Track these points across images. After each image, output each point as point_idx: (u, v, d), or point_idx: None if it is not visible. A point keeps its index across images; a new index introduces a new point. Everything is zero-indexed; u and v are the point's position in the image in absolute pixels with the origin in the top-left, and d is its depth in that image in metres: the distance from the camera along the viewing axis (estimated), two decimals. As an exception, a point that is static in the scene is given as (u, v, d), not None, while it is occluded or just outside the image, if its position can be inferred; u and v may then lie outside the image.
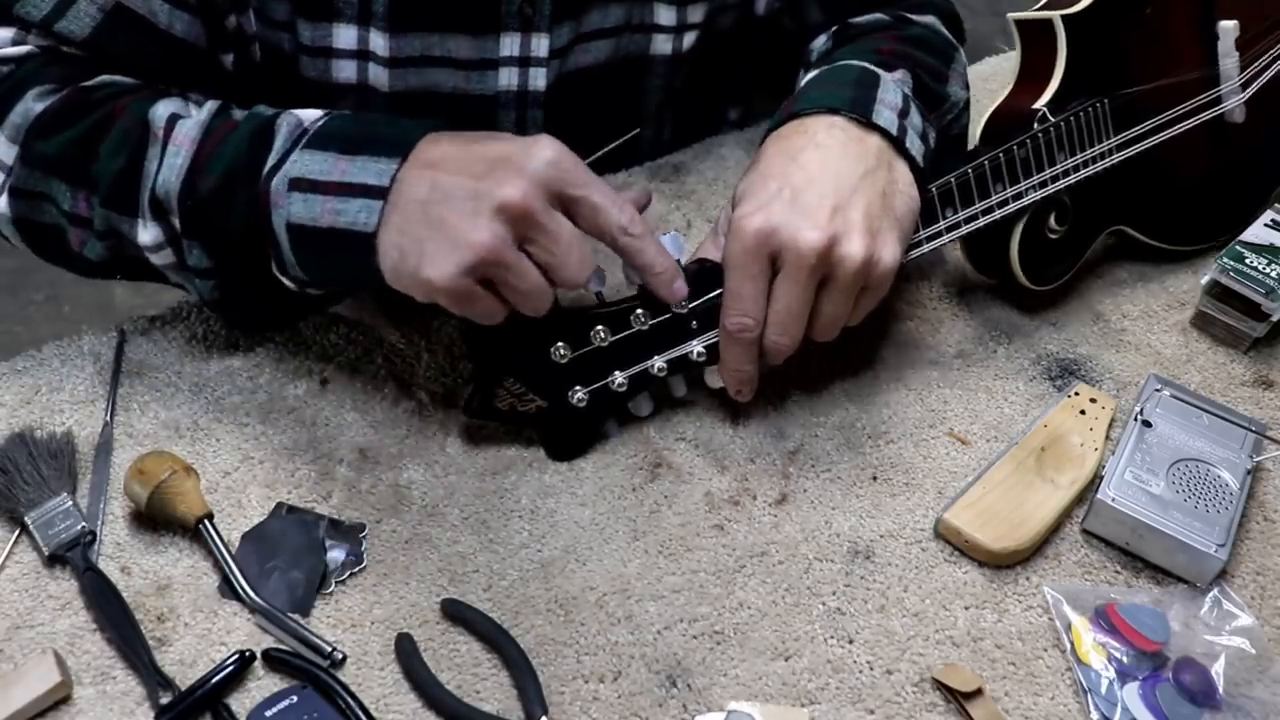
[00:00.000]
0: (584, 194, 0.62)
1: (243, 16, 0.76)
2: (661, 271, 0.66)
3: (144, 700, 0.59)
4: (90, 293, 2.04)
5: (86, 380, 0.74)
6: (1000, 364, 0.79)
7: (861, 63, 0.76)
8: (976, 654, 0.63)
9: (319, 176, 0.63)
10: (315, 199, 0.63)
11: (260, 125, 0.67)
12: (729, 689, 0.61)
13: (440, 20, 0.77)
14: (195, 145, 0.67)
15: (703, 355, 0.69)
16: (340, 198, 0.63)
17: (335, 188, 0.63)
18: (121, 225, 0.69)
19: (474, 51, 0.79)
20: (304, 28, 0.76)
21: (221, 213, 0.66)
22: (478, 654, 0.62)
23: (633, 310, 0.68)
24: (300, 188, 0.64)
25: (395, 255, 0.61)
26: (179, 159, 0.67)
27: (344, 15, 0.76)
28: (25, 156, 0.70)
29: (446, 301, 0.62)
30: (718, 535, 0.68)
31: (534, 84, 0.82)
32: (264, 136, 0.67)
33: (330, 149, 0.64)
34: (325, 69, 0.78)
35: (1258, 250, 0.80)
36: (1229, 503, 0.68)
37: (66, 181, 0.69)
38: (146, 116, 0.69)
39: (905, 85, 0.77)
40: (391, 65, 0.78)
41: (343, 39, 0.77)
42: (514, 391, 0.68)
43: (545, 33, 0.79)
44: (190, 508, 0.65)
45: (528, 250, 0.61)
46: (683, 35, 0.86)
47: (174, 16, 0.72)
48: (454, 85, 0.80)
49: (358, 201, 0.62)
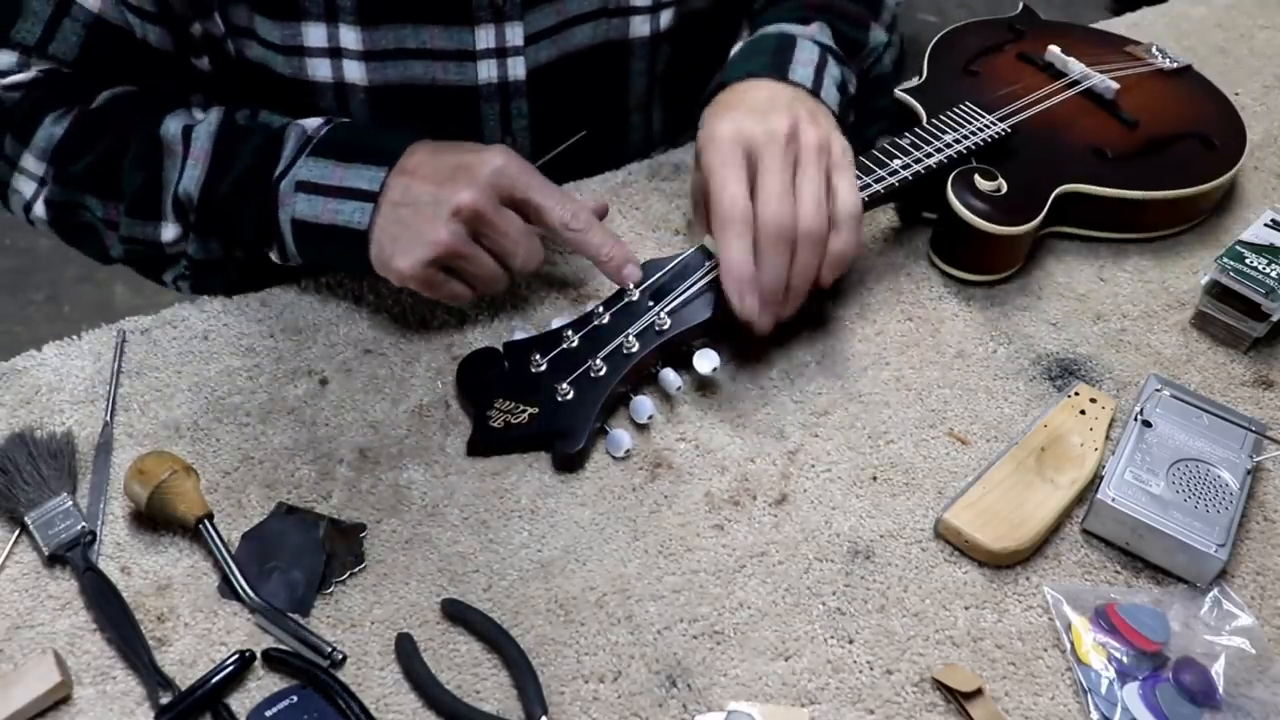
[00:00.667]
0: (528, 195, 0.73)
1: (207, 22, 0.79)
2: (608, 259, 0.74)
3: (144, 700, 0.59)
4: (90, 293, 2.04)
5: (86, 380, 0.74)
6: (1000, 364, 0.79)
7: (779, 27, 0.85)
8: (976, 654, 0.63)
9: (321, 180, 0.74)
10: (318, 199, 0.74)
11: (271, 135, 0.76)
12: (729, 689, 0.61)
13: (411, 11, 0.78)
14: (209, 156, 0.76)
15: (665, 321, 0.73)
16: (339, 199, 0.73)
17: (335, 190, 0.73)
18: (146, 229, 0.78)
19: (450, 43, 0.80)
20: (272, 28, 0.77)
21: (236, 211, 0.76)
22: (478, 654, 0.62)
23: (595, 309, 0.74)
24: (305, 189, 0.74)
25: (376, 248, 0.73)
26: (197, 170, 0.76)
27: (310, 14, 0.77)
28: (58, 176, 0.79)
29: (416, 286, 0.73)
30: (718, 535, 0.68)
31: (514, 74, 0.83)
32: (274, 145, 0.76)
33: (330, 156, 0.74)
34: (300, 67, 0.79)
35: (1258, 250, 0.80)
36: (1229, 503, 0.68)
37: (97, 196, 0.79)
38: (158, 134, 0.77)
39: (823, 35, 0.85)
40: (366, 59, 0.79)
41: (312, 37, 0.78)
42: (505, 409, 0.71)
43: (519, 21, 0.81)
44: (190, 508, 0.65)
45: (483, 243, 0.72)
46: (659, 14, 0.87)
47: (145, 27, 0.78)
48: (433, 78, 0.81)
49: (353, 203, 0.73)
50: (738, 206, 0.71)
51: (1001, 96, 0.92)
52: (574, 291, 0.81)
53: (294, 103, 0.81)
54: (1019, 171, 0.84)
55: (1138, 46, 1.03)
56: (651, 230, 0.87)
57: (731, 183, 0.71)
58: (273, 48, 0.78)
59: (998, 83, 0.94)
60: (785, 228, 0.70)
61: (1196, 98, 0.98)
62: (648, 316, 0.73)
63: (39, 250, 2.11)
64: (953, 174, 0.83)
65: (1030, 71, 0.97)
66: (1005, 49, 1.00)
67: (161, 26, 0.78)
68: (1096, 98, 0.94)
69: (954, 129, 0.86)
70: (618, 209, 0.88)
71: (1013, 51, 1.00)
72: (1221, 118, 0.95)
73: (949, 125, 0.87)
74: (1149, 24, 1.15)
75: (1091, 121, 0.92)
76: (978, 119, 0.88)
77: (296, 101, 0.81)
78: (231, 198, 0.75)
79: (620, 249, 0.75)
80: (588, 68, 0.87)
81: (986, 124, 0.87)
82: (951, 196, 0.81)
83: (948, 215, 0.82)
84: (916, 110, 0.90)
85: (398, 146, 0.74)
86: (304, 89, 0.80)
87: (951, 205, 0.81)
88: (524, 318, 0.79)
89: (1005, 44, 1.01)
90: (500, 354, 0.73)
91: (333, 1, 0.76)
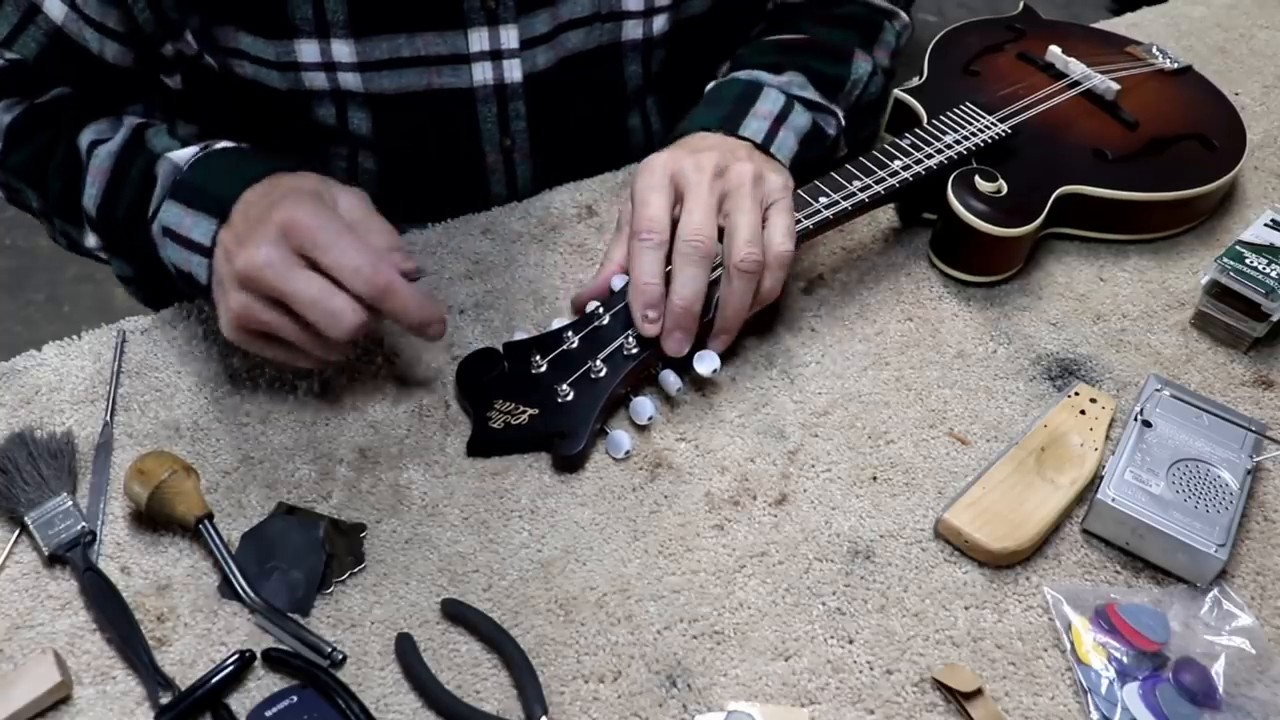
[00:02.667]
0: (315, 255, 0.64)
1: (179, 43, 0.79)
2: (416, 323, 0.66)
3: (144, 700, 0.59)
4: (90, 293, 2.04)
5: (86, 380, 0.74)
6: (1000, 364, 0.79)
7: (750, 74, 0.84)
8: (976, 654, 0.63)
9: (174, 227, 0.70)
10: (176, 247, 0.70)
11: (146, 168, 0.74)
12: (729, 689, 0.61)
13: (404, 21, 0.78)
14: (107, 177, 0.76)
15: None
16: (188, 250, 0.69)
17: (184, 240, 0.70)
18: (71, 231, 0.81)
19: (444, 48, 0.80)
20: (265, 46, 0.77)
21: (130, 240, 0.75)
22: (478, 654, 0.62)
23: (595, 310, 0.73)
24: (168, 234, 0.71)
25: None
26: (94, 189, 0.76)
27: (302, 31, 0.77)
28: (2, 161, 0.81)
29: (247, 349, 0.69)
30: (718, 535, 0.68)
31: (509, 76, 0.83)
32: (149, 183, 0.73)
33: (182, 201, 0.70)
34: (297, 80, 0.79)
35: (1258, 250, 0.80)
36: (1229, 503, 0.68)
37: (32, 188, 0.81)
38: (76, 142, 0.78)
39: (794, 84, 0.84)
40: (361, 70, 0.79)
41: (306, 53, 0.78)
42: (505, 410, 0.70)
43: (513, 24, 0.81)
44: (190, 508, 0.65)
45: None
46: (652, 19, 0.87)
47: (104, 44, 0.78)
48: (428, 82, 0.81)
49: (196, 257, 0.69)
50: (656, 222, 0.71)
51: (1002, 97, 0.92)
52: (573, 292, 0.81)
53: (292, 112, 0.81)
54: (1019, 173, 0.84)
55: (1138, 47, 1.03)
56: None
57: (653, 203, 0.72)
58: (266, 64, 0.78)
59: (998, 83, 0.94)
60: (700, 246, 0.70)
61: (1197, 98, 0.98)
62: None
63: (39, 250, 2.11)
64: (953, 175, 0.83)
65: (1031, 72, 0.97)
66: (1005, 49, 1.00)
67: (124, 45, 0.78)
68: (1097, 98, 0.94)
69: (954, 130, 0.86)
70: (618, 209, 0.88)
71: (1013, 51, 1.00)
72: (1222, 118, 0.95)
73: (949, 126, 0.87)
74: (1149, 24, 1.15)
75: (1092, 122, 0.92)
76: (978, 120, 0.88)
77: (294, 111, 0.81)
78: (125, 225, 0.75)
79: (422, 311, 0.66)
80: (583, 70, 0.87)
81: (987, 125, 0.87)
82: (952, 198, 0.81)
83: (948, 216, 0.82)
84: (917, 110, 0.90)
85: (231, 193, 0.68)
86: (302, 99, 0.81)
87: (952, 207, 0.81)
88: (524, 318, 0.79)
89: (1005, 44, 1.01)
90: (500, 355, 0.73)
91: (324, 17, 0.76)
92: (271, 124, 0.82)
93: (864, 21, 0.92)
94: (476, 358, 0.74)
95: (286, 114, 0.81)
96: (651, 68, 0.91)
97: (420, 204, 0.85)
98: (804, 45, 0.88)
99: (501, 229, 0.86)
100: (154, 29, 0.77)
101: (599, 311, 0.74)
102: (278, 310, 0.65)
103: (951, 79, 0.95)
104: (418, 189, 0.86)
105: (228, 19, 0.77)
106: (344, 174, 0.85)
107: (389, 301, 0.65)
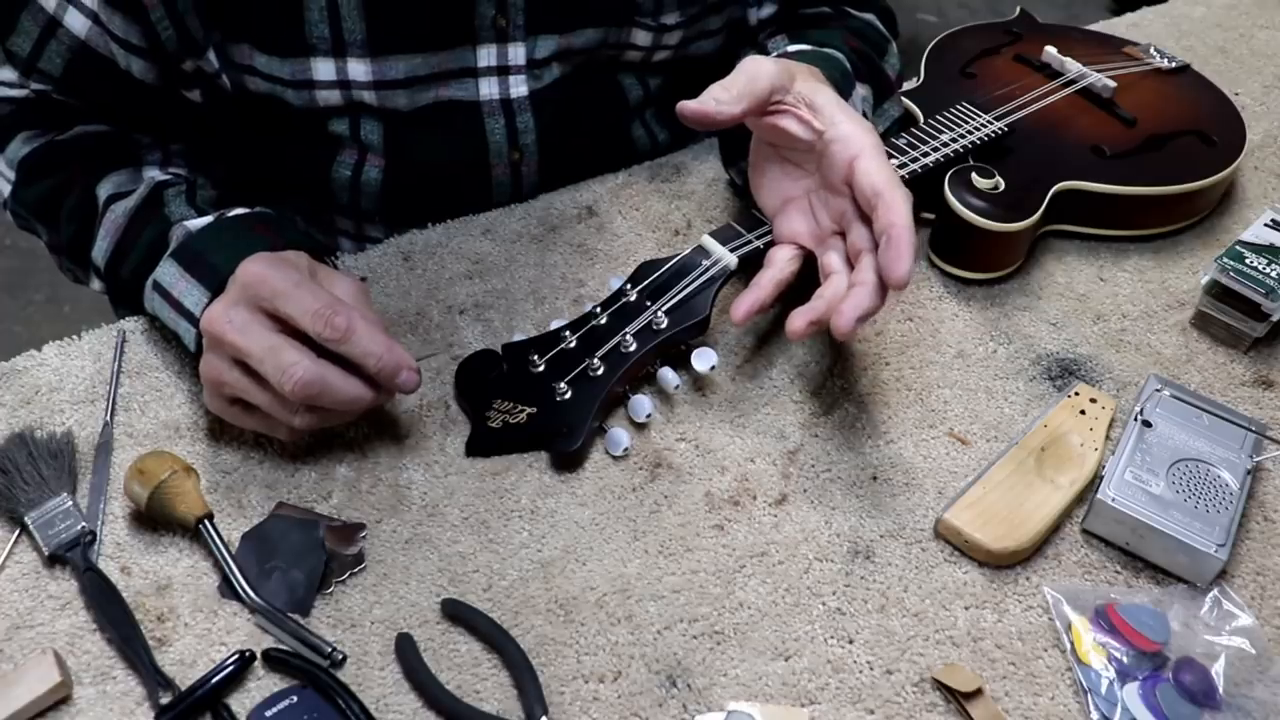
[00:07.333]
0: (275, 307, 0.63)
1: (200, 60, 0.78)
2: (376, 368, 0.64)
3: (144, 700, 0.59)
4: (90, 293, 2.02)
5: (86, 380, 0.74)
6: (1000, 364, 0.79)
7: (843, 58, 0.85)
8: (976, 654, 0.63)
9: (167, 285, 0.70)
10: (166, 305, 0.70)
11: (157, 237, 0.74)
12: (729, 689, 0.61)
13: (419, 40, 0.79)
14: (119, 235, 0.76)
15: (662, 321, 0.73)
16: (177, 314, 0.70)
17: (174, 303, 0.70)
18: (77, 271, 0.84)
19: (455, 63, 0.82)
20: (280, 65, 0.78)
21: (132, 299, 0.75)
22: (478, 654, 0.62)
23: (593, 310, 0.74)
24: (158, 290, 0.71)
25: None
26: (105, 243, 0.77)
27: (318, 50, 0.77)
28: (15, 193, 0.82)
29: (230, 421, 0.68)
30: (718, 535, 0.68)
31: (515, 91, 0.84)
32: (160, 248, 0.73)
33: (180, 261, 0.70)
34: (311, 98, 0.80)
35: (1258, 250, 0.80)
36: (1229, 503, 0.68)
37: (43, 224, 0.83)
38: (94, 191, 0.78)
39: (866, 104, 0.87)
40: (377, 89, 0.80)
41: (321, 72, 0.78)
42: (503, 409, 0.71)
43: (521, 42, 0.82)
44: (190, 508, 0.65)
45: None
46: (654, 53, 0.90)
47: (130, 59, 0.78)
48: (436, 95, 0.83)
49: (185, 323, 0.69)
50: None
51: (998, 96, 0.92)
52: (573, 292, 0.81)
53: (306, 127, 0.82)
54: (1017, 169, 0.84)
55: (1135, 47, 1.03)
56: (651, 230, 0.87)
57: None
58: (281, 82, 0.78)
59: (994, 83, 0.95)
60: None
61: (1194, 96, 0.98)
62: (645, 316, 0.73)
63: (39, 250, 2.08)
64: (950, 173, 0.83)
65: (1027, 72, 0.98)
66: (1002, 51, 1.01)
67: (147, 61, 0.78)
68: (1094, 96, 0.95)
69: (951, 128, 0.87)
70: (618, 210, 0.88)
71: (1009, 54, 1.00)
72: (1220, 115, 0.95)
73: (946, 125, 0.87)
74: (1149, 24, 1.15)
75: (1089, 119, 0.92)
76: (975, 118, 0.88)
77: (309, 125, 0.82)
78: (129, 285, 0.75)
79: (391, 356, 0.64)
80: (585, 87, 0.88)
81: (983, 123, 0.88)
82: (949, 194, 0.82)
83: (946, 214, 0.82)
84: (914, 112, 0.91)
85: (229, 268, 0.66)
86: (317, 115, 0.81)
87: (949, 203, 0.81)
88: (524, 319, 0.79)
89: (1002, 47, 1.01)
90: (499, 356, 0.73)
91: (341, 37, 0.77)
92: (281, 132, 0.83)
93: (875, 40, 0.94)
94: (475, 359, 0.74)
95: (303, 129, 0.82)
96: (650, 85, 0.93)
97: (423, 211, 0.86)
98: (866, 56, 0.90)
99: (501, 229, 0.86)
100: (175, 46, 0.77)
101: (596, 311, 0.74)
102: (239, 369, 0.64)
103: (948, 81, 0.96)
104: (422, 197, 0.86)
105: (244, 38, 0.77)
106: (350, 179, 0.85)
107: (350, 344, 0.62)
